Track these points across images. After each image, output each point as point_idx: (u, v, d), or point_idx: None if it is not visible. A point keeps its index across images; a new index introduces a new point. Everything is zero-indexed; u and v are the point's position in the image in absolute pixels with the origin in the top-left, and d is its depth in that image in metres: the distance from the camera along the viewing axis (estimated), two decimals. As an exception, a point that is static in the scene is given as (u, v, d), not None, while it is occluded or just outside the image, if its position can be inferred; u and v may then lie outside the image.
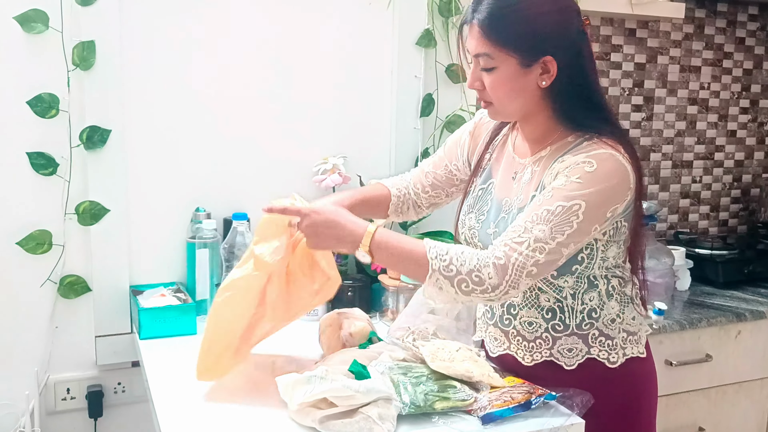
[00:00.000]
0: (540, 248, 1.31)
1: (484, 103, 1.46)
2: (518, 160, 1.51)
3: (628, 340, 1.47)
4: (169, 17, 1.98)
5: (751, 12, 2.86)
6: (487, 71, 1.39)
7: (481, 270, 1.31)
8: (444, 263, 1.32)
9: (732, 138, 2.92)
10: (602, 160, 1.33)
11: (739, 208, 3.00)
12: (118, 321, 2.00)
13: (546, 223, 1.31)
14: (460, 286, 1.32)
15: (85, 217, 1.92)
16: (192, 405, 1.43)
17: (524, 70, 1.37)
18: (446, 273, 1.32)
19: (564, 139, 1.43)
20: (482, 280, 1.31)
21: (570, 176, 1.33)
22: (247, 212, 1.99)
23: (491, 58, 1.37)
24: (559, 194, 1.32)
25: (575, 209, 1.31)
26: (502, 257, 1.31)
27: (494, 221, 1.49)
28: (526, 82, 1.38)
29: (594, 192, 1.32)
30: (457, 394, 1.36)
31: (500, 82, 1.39)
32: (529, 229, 1.32)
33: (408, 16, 2.19)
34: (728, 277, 2.52)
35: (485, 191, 1.56)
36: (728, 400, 2.30)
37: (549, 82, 1.38)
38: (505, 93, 1.40)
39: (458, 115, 2.26)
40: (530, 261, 1.31)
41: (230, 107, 2.07)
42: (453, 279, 1.32)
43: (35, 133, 1.88)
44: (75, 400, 2.01)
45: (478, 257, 1.32)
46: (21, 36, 1.84)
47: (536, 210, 1.33)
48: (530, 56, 1.36)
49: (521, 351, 1.50)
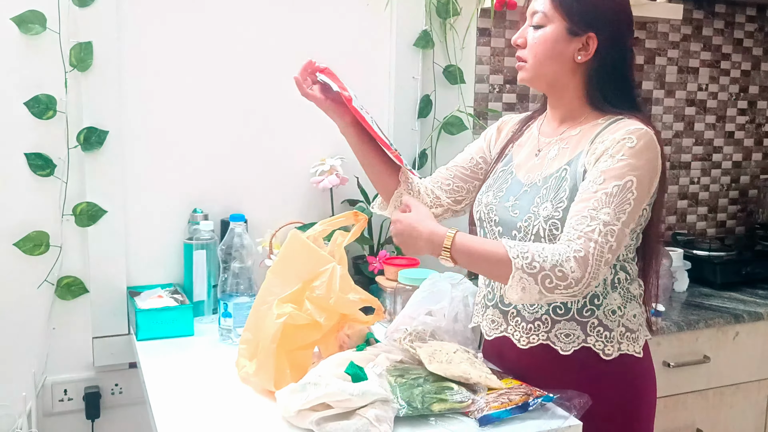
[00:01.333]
0: (610, 231, 1.32)
1: (519, 61, 1.51)
2: (543, 139, 1.56)
3: (626, 336, 1.48)
4: (167, 18, 1.98)
5: (749, 13, 2.86)
6: (536, 28, 1.46)
7: (563, 264, 1.30)
8: (526, 261, 1.31)
9: (730, 139, 2.92)
10: (640, 134, 1.38)
11: (737, 210, 3.00)
12: (116, 322, 1.99)
13: (608, 205, 1.33)
14: (544, 282, 1.30)
15: (83, 219, 1.92)
16: (189, 406, 1.43)
17: (568, 37, 1.45)
18: (529, 270, 1.30)
19: (594, 120, 1.48)
20: (565, 275, 1.30)
21: (615, 155, 1.36)
22: (244, 213, 1.99)
23: (545, 16, 1.45)
24: (611, 174, 1.35)
25: (629, 186, 1.35)
26: (581, 249, 1.31)
27: (515, 196, 1.51)
28: (565, 49, 1.45)
29: (641, 166, 1.36)
30: (454, 395, 1.36)
31: (543, 39, 1.46)
32: (594, 216, 1.33)
33: (406, 18, 2.19)
34: (726, 279, 2.52)
35: (505, 172, 1.59)
36: (726, 402, 2.30)
37: (584, 58, 1.46)
38: (543, 52, 1.46)
39: (456, 116, 2.26)
40: (606, 247, 1.32)
41: (227, 108, 2.07)
42: (537, 276, 1.30)
43: (33, 134, 1.88)
44: (72, 401, 2.01)
45: (558, 252, 1.32)
46: (18, 37, 1.84)
47: (593, 196, 1.35)
48: (579, 26, 1.44)
49: (518, 333, 1.51)
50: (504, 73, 2.45)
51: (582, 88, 1.49)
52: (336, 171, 2.11)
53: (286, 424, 1.32)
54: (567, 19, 1.43)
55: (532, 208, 1.45)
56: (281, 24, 2.09)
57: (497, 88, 2.45)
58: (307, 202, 2.18)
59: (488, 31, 2.42)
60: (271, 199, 2.14)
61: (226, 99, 2.06)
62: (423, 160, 2.26)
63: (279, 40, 2.09)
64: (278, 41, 2.09)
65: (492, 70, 2.44)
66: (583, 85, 1.49)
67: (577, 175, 1.42)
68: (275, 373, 1.44)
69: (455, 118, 2.26)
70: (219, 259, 1.94)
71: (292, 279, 1.55)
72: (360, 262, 2.14)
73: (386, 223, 2.20)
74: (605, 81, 1.47)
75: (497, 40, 2.43)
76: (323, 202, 2.17)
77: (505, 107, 2.47)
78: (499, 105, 2.42)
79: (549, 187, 1.46)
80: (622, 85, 1.49)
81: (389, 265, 1.97)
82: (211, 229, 1.98)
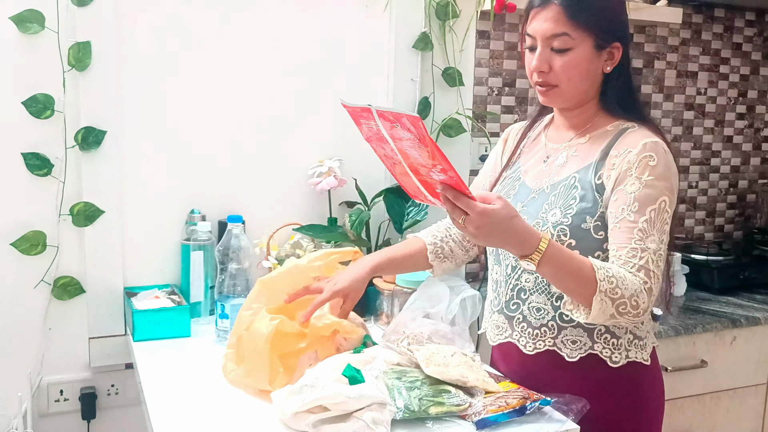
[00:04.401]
0: (660, 257, 1.37)
1: (546, 87, 1.47)
2: (551, 146, 1.55)
3: (633, 343, 1.48)
4: (165, 19, 1.97)
5: (748, 18, 2.86)
6: (561, 52, 1.42)
7: (639, 296, 1.33)
8: (611, 286, 1.32)
9: (728, 143, 2.93)
10: (658, 150, 1.39)
11: (735, 214, 3.00)
12: (112, 323, 1.99)
13: (652, 233, 1.36)
14: (619, 308, 1.32)
15: (80, 219, 1.92)
16: (185, 407, 1.43)
17: (597, 52, 1.44)
18: (612, 295, 1.31)
19: (602, 127, 1.49)
20: (638, 305, 1.33)
21: (641, 176, 1.38)
22: (242, 214, 1.99)
23: (570, 38, 1.41)
24: (644, 200, 1.37)
25: (663, 206, 1.38)
26: (647, 281, 1.34)
27: (522, 202, 1.51)
28: (596, 65, 1.45)
29: (667, 183, 1.39)
30: (451, 399, 1.36)
31: (575, 62, 1.43)
32: (644, 248, 1.35)
33: (405, 20, 2.19)
34: (724, 283, 2.53)
35: (513, 179, 1.59)
36: (723, 406, 2.30)
37: (612, 68, 1.45)
38: (577, 74, 1.44)
39: (454, 119, 2.25)
40: (659, 273, 1.37)
41: (226, 109, 2.06)
42: (616, 301, 1.32)
43: (30, 134, 1.87)
44: (68, 402, 2.00)
45: (636, 282, 1.34)
46: (16, 36, 1.83)
47: (635, 226, 1.36)
48: (605, 39, 1.43)
49: (524, 338, 1.51)
50: (503, 75, 2.45)
51: (599, 96, 1.50)
52: (334, 173, 2.11)
53: (283, 426, 1.32)
54: (594, 35, 1.41)
55: (540, 214, 1.45)
56: (280, 25, 2.09)
57: (496, 91, 2.45)
58: (305, 203, 2.17)
59: (487, 33, 2.42)
60: (268, 200, 2.13)
61: (225, 100, 2.06)
62: (421, 162, 2.26)
63: (278, 41, 2.09)
64: (277, 42, 2.09)
65: (491, 73, 2.44)
66: (600, 94, 1.49)
67: (592, 185, 1.42)
68: (270, 372, 1.45)
69: (454, 120, 2.26)
70: (216, 260, 1.94)
71: (280, 294, 1.59)
72: (358, 264, 2.13)
73: (384, 225, 2.20)
74: (622, 86, 1.48)
75: (496, 42, 2.42)
76: (321, 204, 2.17)
77: (504, 110, 2.47)
78: (498, 107, 2.42)
79: (558, 194, 1.46)
80: (632, 88, 1.51)
81: (387, 268, 1.97)
82: (209, 230, 1.97)
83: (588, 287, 1.31)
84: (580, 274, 1.32)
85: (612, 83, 1.47)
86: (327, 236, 2.08)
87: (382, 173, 2.24)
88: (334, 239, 2.09)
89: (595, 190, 1.42)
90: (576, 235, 1.41)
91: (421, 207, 2.13)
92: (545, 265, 1.32)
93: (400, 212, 2.15)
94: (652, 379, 1.53)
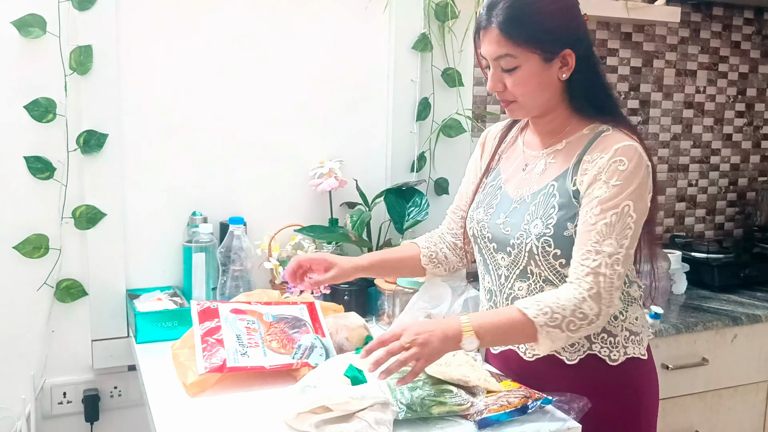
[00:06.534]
0: (616, 261, 1.35)
1: (506, 103, 1.49)
2: (530, 153, 1.55)
3: (630, 339, 1.48)
4: (167, 22, 1.98)
5: (746, 16, 2.87)
6: (510, 71, 1.43)
7: (581, 306, 1.33)
8: (546, 316, 1.33)
9: (728, 142, 2.93)
10: (629, 155, 1.38)
11: (735, 212, 3.00)
12: (115, 325, 2.00)
13: (609, 236, 1.35)
14: (569, 327, 1.33)
15: (82, 221, 1.92)
16: (188, 409, 1.43)
17: (546, 64, 1.42)
18: (552, 323, 1.33)
19: (579, 131, 1.48)
20: (586, 315, 1.34)
21: (608, 181, 1.37)
22: (243, 216, 2.00)
23: (513, 58, 1.41)
24: (608, 204, 1.37)
25: (626, 210, 1.36)
26: (592, 287, 1.34)
27: (505, 212, 1.51)
28: (549, 76, 1.43)
29: (634, 189, 1.37)
30: (453, 398, 1.36)
31: (525, 79, 1.42)
32: (599, 250, 1.35)
33: (404, 21, 2.20)
34: (724, 281, 2.53)
35: (494, 187, 1.58)
36: (724, 404, 2.30)
37: (568, 74, 1.44)
38: (530, 89, 1.44)
39: (454, 119, 2.26)
40: (615, 277, 1.35)
41: (226, 111, 2.07)
42: (561, 324, 1.33)
43: (32, 138, 1.88)
44: (71, 404, 2.01)
45: (573, 296, 1.34)
46: (18, 40, 1.84)
47: (594, 228, 1.36)
48: (551, 50, 1.41)
49: (523, 345, 1.51)
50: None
51: (568, 101, 1.48)
52: (335, 174, 2.11)
53: (286, 426, 1.32)
54: (538, 49, 1.40)
55: (522, 226, 1.46)
56: (280, 28, 2.09)
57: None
58: (306, 204, 2.18)
59: (487, 34, 2.42)
60: (270, 201, 2.14)
61: (226, 102, 2.07)
62: (422, 162, 2.27)
63: (278, 43, 2.10)
64: (277, 44, 2.10)
65: (490, 73, 2.44)
66: (568, 99, 1.48)
67: (569, 192, 1.43)
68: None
69: (454, 120, 2.27)
70: (218, 262, 1.95)
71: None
72: (359, 264, 2.13)
73: (385, 226, 2.21)
74: (589, 88, 1.46)
75: (496, 43, 2.42)
76: (322, 205, 2.18)
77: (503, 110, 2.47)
78: (497, 108, 2.42)
79: (538, 204, 1.46)
80: (603, 88, 1.49)
81: (388, 268, 1.97)
82: (211, 231, 1.98)
83: (528, 328, 1.33)
84: (514, 324, 1.35)
85: (577, 87, 1.45)
86: (328, 237, 2.09)
87: (383, 174, 2.25)
88: (335, 240, 2.10)
89: (572, 196, 1.42)
90: (560, 244, 1.42)
91: (422, 207, 2.14)
92: (482, 337, 1.33)
93: (400, 213, 2.15)
94: (649, 373, 1.54)
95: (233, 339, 1.56)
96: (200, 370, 1.48)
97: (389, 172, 2.25)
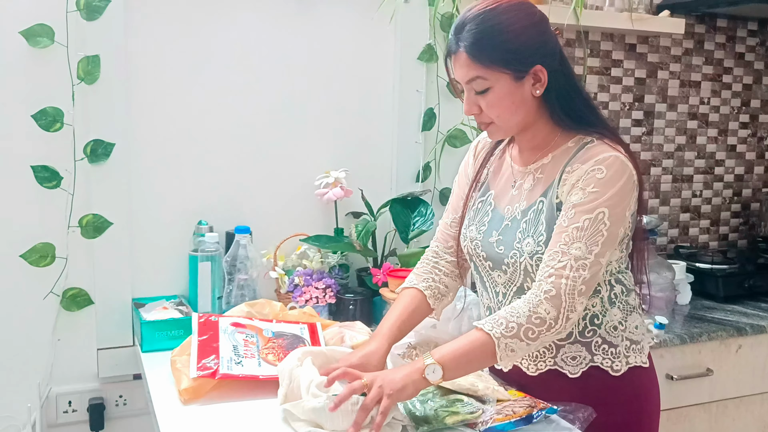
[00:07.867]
0: (582, 265, 1.34)
1: (484, 125, 1.49)
2: (517, 169, 1.54)
3: (631, 348, 1.49)
4: (174, 32, 1.99)
5: (750, 27, 2.88)
6: (482, 93, 1.42)
7: (536, 310, 1.33)
8: (501, 326, 1.33)
9: (732, 152, 2.93)
10: (609, 163, 1.38)
11: (739, 223, 3.00)
12: (120, 334, 2.00)
13: (579, 240, 1.35)
14: (527, 335, 1.33)
15: (88, 230, 1.93)
16: (194, 418, 1.44)
17: (518, 83, 1.41)
18: (509, 333, 1.32)
19: (564, 144, 1.47)
20: (543, 319, 1.33)
21: (585, 188, 1.37)
22: (249, 225, 2.00)
23: (485, 80, 1.41)
24: (582, 209, 1.36)
25: (600, 218, 1.36)
26: (551, 288, 1.34)
27: (497, 230, 1.50)
28: (522, 95, 1.42)
29: (611, 196, 1.37)
30: (465, 407, 1.36)
31: (498, 100, 1.42)
32: (566, 251, 1.35)
33: (410, 31, 2.21)
34: (729, 292, 2.52)
35: (484, 203, 1.57)
36: (729, 415, 2.30)
37: (542, 90, 1.43)
38: (504, 109, 1.43)
39: (459, 130, 2.27)
40: (579, 281, 1.34)
41: (233, 121, 2.08)
42: (518, 333, 1.32)
43: (40, 147, 1.89)
44: (76, 412, 2.01)
45: (528, 300, 1.34)
46: (26, 50, 1.85)
47: (564, 231, 1.36)
48: (521, 68, 1.40)
49: (526, 361, 1.51)
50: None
51: (548, 116, 1.47)
52: (340, 183, 2.12)
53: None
54: (507, 69, 1.39)
55: (515, 244, 1.46)
56: (287, 38, 2.11)
57: (500, 102, 2.46)
58: (312, 214, 2.19)
59: (491, 44, 2.42)
60: (275, 211, 2.15)
61: (232, 111, 2.08)
62: (427, 173, 2.27)
63: (284, 53, 2.11)
64: (284, 54, 2.11)
65: (495, 84, 2.45)
66: (549, 113, 1.47)
67: (553, 206, 1.43)
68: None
69: (459, 131, 2.27)
70: (224, 271, 1.95)
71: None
72: (364, 274, 2.14)
73: (390, 235, 2.21)
74: (567, 101, 1.45)
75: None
76: (328, 214, 2.18)
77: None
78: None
79: (528, 221, 1.46)
80: (582, 99, 1.48)
81: (393, 278, 1.98)
82: (216, 240, 1.99)
83: (488, 345, 1.32)
84: (473, 343, 1.34)
85: (554, 101, 1.45)
86: (334, 246, 2.09)
87: (388, 184, 2.25)
88: (340, 249, 2.10)
89: (555, 209, 1.42)
90: None
91: (427, 217, 2.14)
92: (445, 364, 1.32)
93: (406, 222, 2.16)
94: (651, 380, 1.54)
95: (229, 349, 1.57)
96: (192, 374, 1.50)
97: (394, 182, 2.26)
